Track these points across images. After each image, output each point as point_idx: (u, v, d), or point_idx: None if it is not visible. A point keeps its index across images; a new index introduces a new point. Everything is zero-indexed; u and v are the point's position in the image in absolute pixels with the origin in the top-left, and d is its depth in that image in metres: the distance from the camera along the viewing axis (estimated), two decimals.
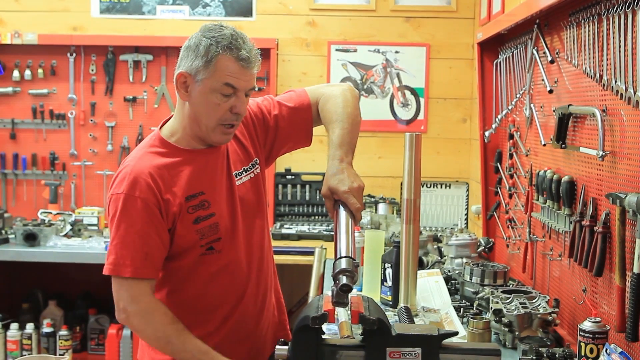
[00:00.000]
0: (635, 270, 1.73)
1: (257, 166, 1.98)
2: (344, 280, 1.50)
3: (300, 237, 3.91)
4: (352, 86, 2.06)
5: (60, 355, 3.76)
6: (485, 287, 2.44)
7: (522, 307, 2.15)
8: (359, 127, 1.96)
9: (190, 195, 1.81)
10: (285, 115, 2.01)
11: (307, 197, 4.22)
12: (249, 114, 1.97)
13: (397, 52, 4.20)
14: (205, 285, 1.87)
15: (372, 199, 3.98)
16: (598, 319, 1.84)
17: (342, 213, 1.71)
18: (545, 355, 1.95)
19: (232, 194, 1.89)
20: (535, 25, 2.60)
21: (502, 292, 2.29)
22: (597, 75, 2.05)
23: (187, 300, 1.85)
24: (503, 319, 2.13)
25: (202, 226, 1.82)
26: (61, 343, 3.86)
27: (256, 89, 1.89)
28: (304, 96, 2.03)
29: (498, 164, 3.24)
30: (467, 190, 4.17)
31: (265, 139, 2.01)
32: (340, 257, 1.57)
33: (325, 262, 3.31)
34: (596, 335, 1.81)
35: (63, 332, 3.88)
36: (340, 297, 1.50)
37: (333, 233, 1.72)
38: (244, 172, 1.93)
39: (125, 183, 1.76)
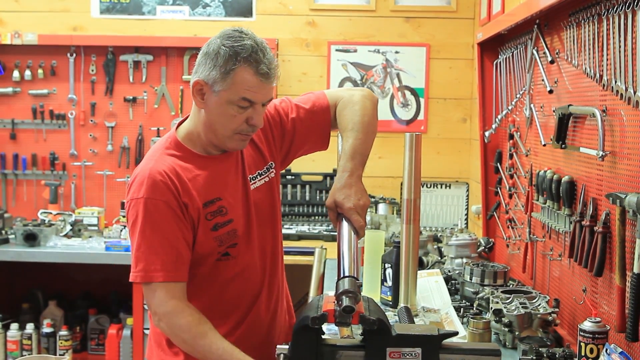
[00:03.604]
0: (636, 270, 1.73)
1: (272, 170, 1.94)
2: (346, 301, 1.49)
3: (300, 237, 3.91)
4: (372, 92, 2.02)
5: (60, 355, 3.76)
6: (485, 287, 2.44)
7: (522, 307, 2.15)
8: (375, 135, 1.92)
9: (207, 201, 1.78)
10: (303, 118, 1.96)
11: (307, 198, 4.22)
12: (266, 116, 1.93)
13: (397, 52, 4.20)
14: (220, 291, 1.85)
15: (372, 199, 3.98)
16: (598, 319, 1.84)
17: (346, 228, 1.71)
18: (545, 355, 1.95)
19: (247, 199, 1.86)
20: (535, 26, 2.60)
21: (502, 292, 2.29)
22: (597, 75, 2.05)
23: (202, 306, 1.80)
24: (503, 319, 2.14)
25: (221, 233, 1.80)
26: (61, 343, 3.87)
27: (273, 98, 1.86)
28: (322, 99, 1.98)
29: (498, 164, 3.24)
30: (467, 190, 4.17)
31: (282, 142, 1.97)
32: (344, 277, 1.56)
33: (325, 262, 3.31)
34: (596, 335, 1.81)
35: (63, 332, 3.88)
36: (343, 317, 1.50)
37: (336, 242, 1.72)
38: (258, 176, 1.91)
39: (144, 187, 1.73)
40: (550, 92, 2.46)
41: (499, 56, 3.22)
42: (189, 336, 1.73)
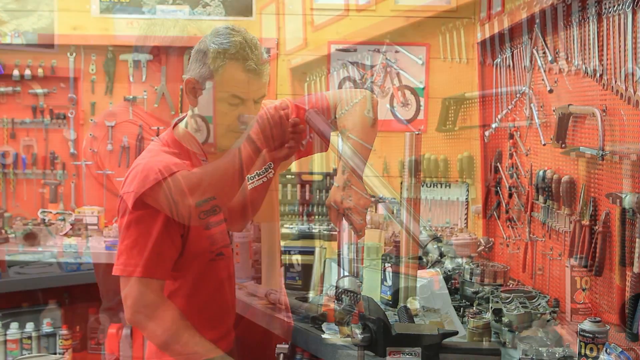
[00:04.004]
0: (635, 270, 1.73)
1: (270, 170, 1.95)
2: (346, 301, 1.50)
3: (300, 236, 3.90)
4: (372, 94, 2.03)
5: (60, 354, 3.76)
6: (485, 287, 2.44)
7: (522, 306, 2.15)
8: (375, 136, 1.93)
9: (201, 200, 1.79)
10: (302, 120, 1.96)
11: (307, 197, 4.22)
12: (266, 116, 1.94)
13: (397, 51, 4.20)
14: (214, 291, 1.86)
15: (372, 199, 3.97)
16: (598, 319, 1.84)
17: (346, 227, 1.72)
18: (545, 355, 1.95)
19: (244, 199, 1.87)
20: (536, 25, 2.60)
21: (502, 291, 2.29)
22: (597, 75, 2.05)
23: (198, 306, 1.82)
24: (503, 318, 2.13)
25: (213, 232, 1.80)
26: (61, 342, 3.86)
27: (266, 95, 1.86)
28: (322, 100, 1.99)
29: (498, 163, 3.24)
30: (467, 190, 4.17)
31: (281, 144, 1.99)
32: (343, 277, 1.57)
33: (325, 261, 3.31)
34: (596, 335, 1.81)
35: (63, 331, 3.88)
36: (343, 317, 1.51)
37: (336, 242, 1.73)
38: (256, 176, 1.91)
39: (135, 182, 1.74)
40: (550, 91, 2.46)
41: (499, 56, 3.22)
42: (173, 326, 1.74)
